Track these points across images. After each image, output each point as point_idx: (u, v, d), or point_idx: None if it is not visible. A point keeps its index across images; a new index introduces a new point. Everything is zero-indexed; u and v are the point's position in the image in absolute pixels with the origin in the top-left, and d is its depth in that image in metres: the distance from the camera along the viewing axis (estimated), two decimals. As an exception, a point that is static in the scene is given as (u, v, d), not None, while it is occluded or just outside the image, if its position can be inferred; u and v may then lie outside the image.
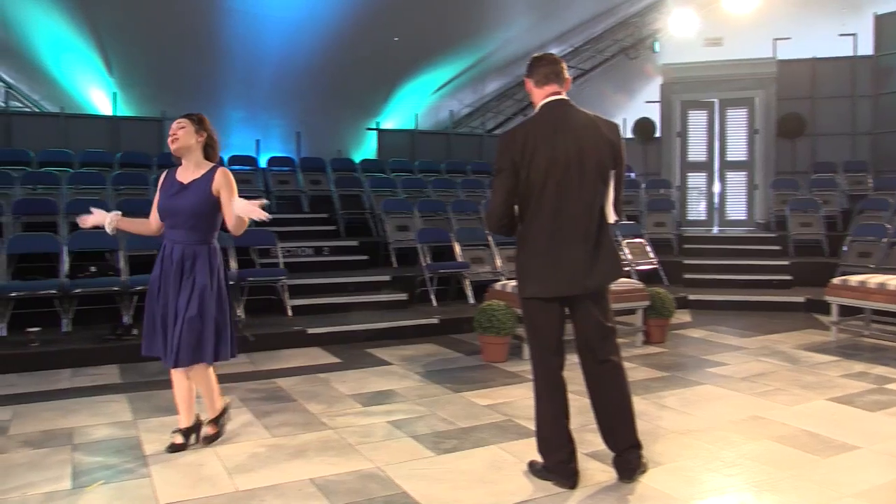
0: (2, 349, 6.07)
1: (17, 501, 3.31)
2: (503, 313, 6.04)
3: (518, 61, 14.07)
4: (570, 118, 3.32)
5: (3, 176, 8.77)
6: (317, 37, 11.92)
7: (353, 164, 11.94)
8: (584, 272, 3.28)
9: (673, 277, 9.79)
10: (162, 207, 3.85)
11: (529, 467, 3.60)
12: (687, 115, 12.92)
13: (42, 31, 11.68)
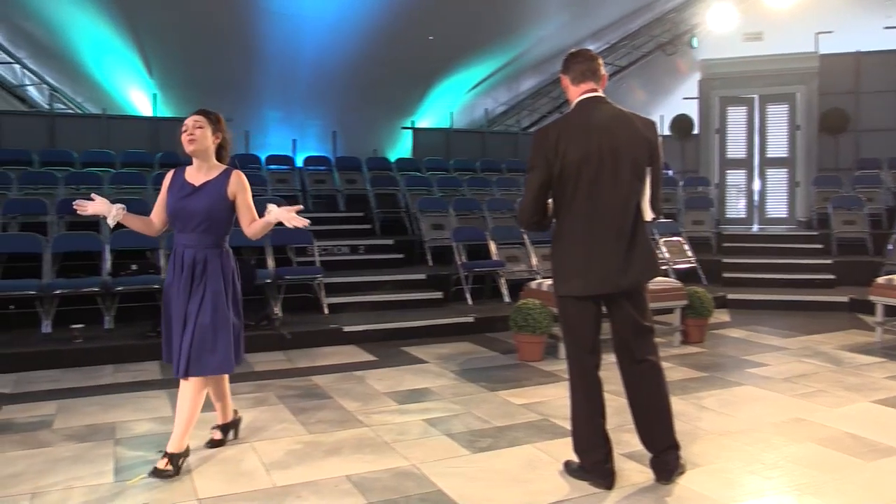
0: (47, 345, 6.22)
1: (61, 494, 3.38)
2: (539, 312, 6.01)
3: (553, 59, 13.99)
4: (605, 115, 3.29)
5: (48, 176, 8.98)
6: (352, 37, 11.99)
7: (388, 164, 11.99)
8: (618, 270, 3.25)
9: (712, 276, 9.65)
10: (172, 210, 3.66)
11: (565, 467, 3.58)
12: (726, 112, 12.72)
13: (85, 35, 11.93)
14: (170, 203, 3.67)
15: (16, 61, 12.47)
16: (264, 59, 12.19)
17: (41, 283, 6.72)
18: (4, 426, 4.46)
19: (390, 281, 8.51)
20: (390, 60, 12.71)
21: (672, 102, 14.00)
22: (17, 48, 12.41)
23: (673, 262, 9.44)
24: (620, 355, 3.40)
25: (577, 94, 3.36)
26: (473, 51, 13.56)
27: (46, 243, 7.18)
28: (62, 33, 11.89)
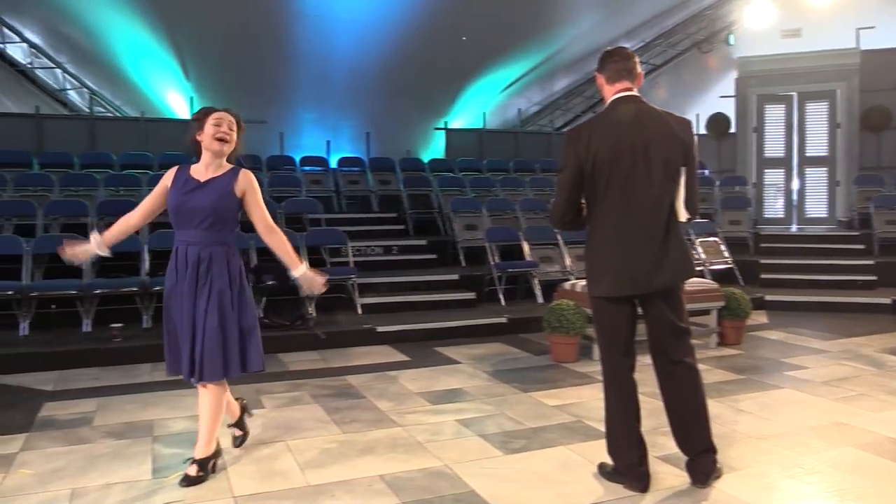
0: (87, 344, 6.35)
1: (101, 490, 3.45)
2: (573, 313, 5.97)
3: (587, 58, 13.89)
4: (638, 115, 3.26)
5: (88, 178, 9.17)
6: (386, 38, 12.04)
7: (421, 164, 12.02)
8: (651, 270, 3.21)
9: (749, 277, 9.50)
10: (175, 205, 3.50)
11: (599, 469, 3.55)
12: (763, 110, 12.50)
13: (124, 40, 12.16)
14: (173, 199, 3.52)
15: (57, 66, 12.77)
16: (298, 62, 12.31)
17: (82, 283, 6.86)
18: (46, 423, 4.56)
19: (423, 281, 8.52)
20: (423, 61, 12.74)
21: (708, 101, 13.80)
22: (58, 53, 12.70)
23: (709, 262, 9.32)
24: (656, 357, 3.36)
25: (612, 92, 3.33)
26: (507, 51, 13.53)
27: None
28: (102, 38, 12.14)
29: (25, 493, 3.46)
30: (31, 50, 12.47)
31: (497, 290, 8.35)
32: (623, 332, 3.32)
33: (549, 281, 8.33)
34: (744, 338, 6.82)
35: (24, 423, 4.55)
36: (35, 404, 4.94)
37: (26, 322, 6.63)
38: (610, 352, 3.37)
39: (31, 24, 12.25)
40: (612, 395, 3.37)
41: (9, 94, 12.03)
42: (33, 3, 11.70)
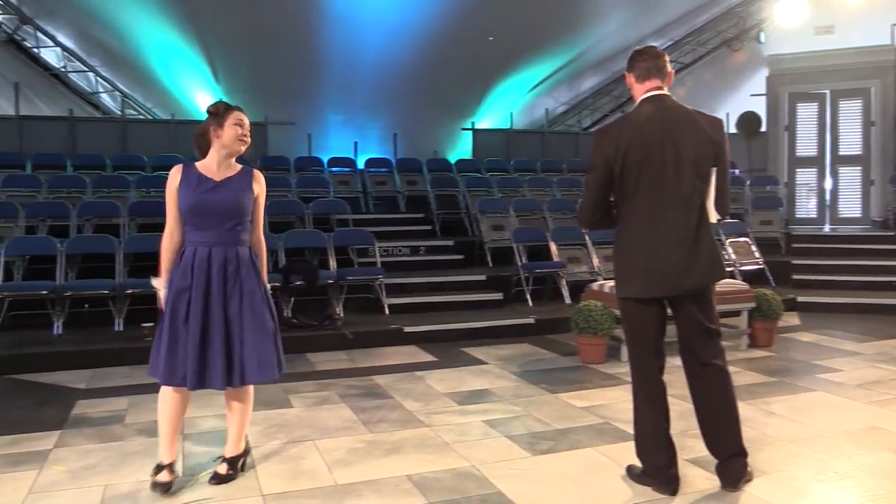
0: (119, 343, 6.45)
1: (133, 486, 3.50)
2: (600, 314, 5.93)
3: (615, 57, 13.79)
4: (668, 114, 3.23)
5: (120, 180, 9.30)
6: (413, 40, 12.06)
7: (448, 165, 12.02)
8: (681, 272, 3.18)
9: (780, 278, 9.37)
10: (192, 205, 3.37)
11: (628, 471, 3.52)
12: (795, 108, 12.32)
13: (154, 43, 12.33)
14: (188, 198, 3.38)
15: (90, 70, 12.98)
16: (326, 64, 12.38)
17: (114, 282, 6.97)
18: (79, 420, 4.64)
19: (450, 282, 8.52)
20: (450, 62, 12.74)
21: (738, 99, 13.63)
22: (91, 57, 12.92)
23: (739, 263, 9.21)
24: (686, 358, 3.33)
25: (642, 91, 3.30)
26: (534, 50, 13.48)
27: (119, 244, 7.43)
28: (133, 42, 12.32)
29: (59, 489, 3.52)
30: (64, 54, 12.70)
31: (524, 291, 8.33)
32: (652, 334, 3.29)
33: (576, 281, 8.29)
34: (775, 339, 6.72)
35: (58, 420, 4.63)
36: (69, 402, 5.03)
37: (60, 321, 6.74)
38: (639, 353, 3.34)
39: (65, 28, 12.47)
40: (641, 396, 3.34)
41: (43, 97, 12.26)
42: (67, 8, 11.92)
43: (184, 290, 3.37)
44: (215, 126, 3.43)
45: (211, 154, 3.48)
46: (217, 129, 3.43)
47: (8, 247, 7.11)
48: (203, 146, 3.50)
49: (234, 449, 3.63)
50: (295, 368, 6.02)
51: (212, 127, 3.44)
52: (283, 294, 7.35)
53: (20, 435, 4.32)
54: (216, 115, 3.43)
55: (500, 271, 8.79)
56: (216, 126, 3.43)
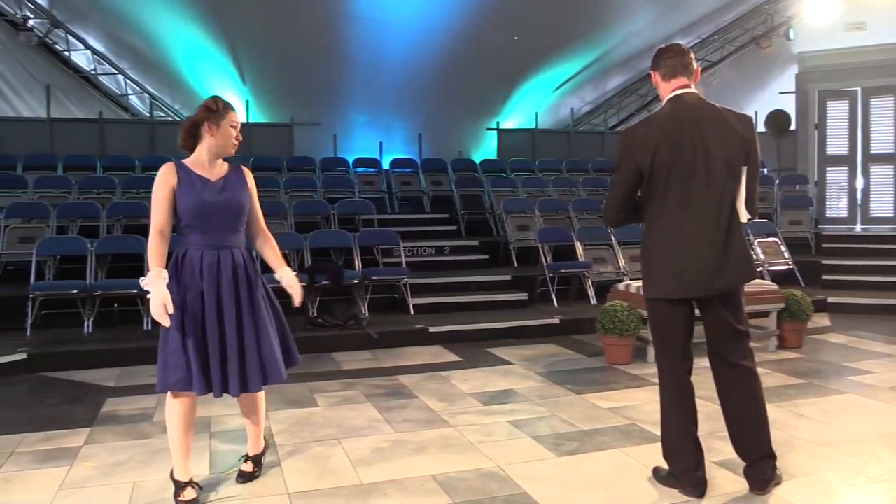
0: (147, 342, 6.49)
1: (161, 483, 3.53)
2: (626, 314, 5.89)
3: (641, 55, 13.68)
4: (697, 112, 3.19)
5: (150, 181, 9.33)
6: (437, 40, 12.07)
7: (473, 165, 12.02)
8: (711, 273, 3.14)
9: (810, 279, 9.24)
10: (197, 206, 3.24)
11: (654, 473, 3.49)
12: (825, 106, 12.14)
13: (182, 46, 12.47)
14: (192, 200, 3.24)
15: (119, 72, 13.17)
16: (351, 64, 12.43)
17: (143, 282, 7.04)
18: (109, 417, 4.70)
19: (475, 282, 8.52)
20: (475, 62, 12.73)
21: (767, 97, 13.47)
22: (120, 60, 13.10)
23: (768, 263, 9.09)
24: (714, 359, 3.29)
25: (668, 90, 3.26)
26: (559, 50, 13.42)
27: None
28: (162, 45, 12.47)
29: (89, 485, 3.58)
30: (94, 57, 12.88)
31: (549, 291, 8.30)
32: (680, 335, 3.26)
33: (602, 282, 8.25)
34: (805, 341, 6.63)
35: (88, 417, 4.70)
36: (98, 400, 5.10)
37: (90, 320, 6.85)
38: (666, 354, 3.31)
39: (95, 32, 12.66)
40: (668, 398, 3.31)
41: (74, 99, 12.45)
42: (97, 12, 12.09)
43: (196, 296, 3.23)
44: (211, 123, 3.29)
45: (200, 152, 3.34)
46: (213, 126, 3.29)
47: (39, 247, 7.23)
48: (191, 141, 3.36)
49: (256, 447, 3.67)
50: (320, 368, 6.06)
51: (207, 123, 3.29)
52: (309, 294, 7.39)
53: (51, 432, 4.39)
54: (214, 112, 3.30)
55: (525, 271, 8.77)
56: (212, 124, 3.29)
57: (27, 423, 4.59)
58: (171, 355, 3.18)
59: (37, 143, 10.12)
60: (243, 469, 3.62)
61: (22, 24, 11.66)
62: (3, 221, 7.91)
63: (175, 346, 3.18)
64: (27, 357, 5.97)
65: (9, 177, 9.17)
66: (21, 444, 4.19)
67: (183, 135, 3.35)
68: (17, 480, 3.65)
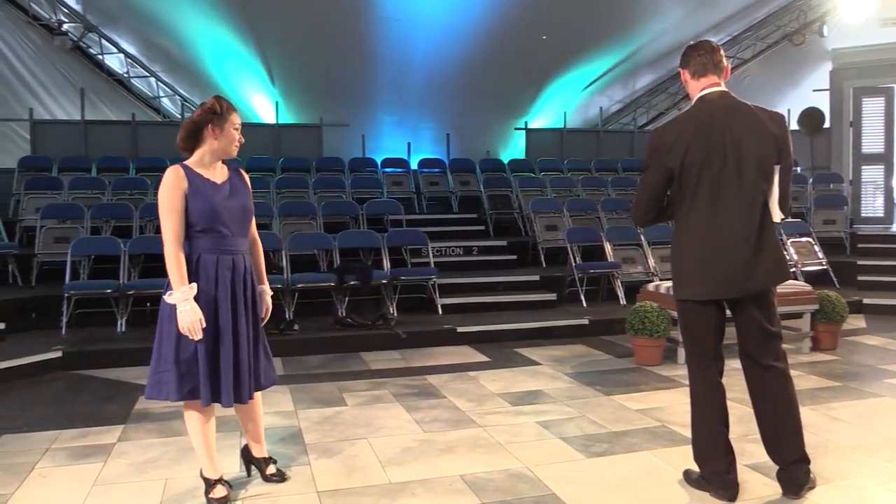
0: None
1: (192, 482, 3.57)
2: (656, 315, 5.84)
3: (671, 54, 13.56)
4: (728, 111, 3.14)
5: (180, 182, 9.52)
6: (465, 40, 12.07)
7: (501, 165, 11.99)
8: (743, 274, 3.10)
9: (845, 279, 9.07)
10: (211, 210, 3.17)
11: (685, 476, 3.45)
12: (861, 103, 11.91)
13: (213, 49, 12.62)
14: (204, 204, 3.16)
15: (151, 75, 13.37)
16: (379, 65, 12.48)
17: (175, 282, 7.13)
18: (142, 415, 4.77)
19: (503, 282, 8.50)
20: (503, 61, 12.71)
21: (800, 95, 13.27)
22: (152, 63, 13.30)
23: (801, 263, 8.95)
24: (746, 361, 3.25)
25: (698, 89, 3.22)
26: (588, 48, 13.35)
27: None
28: (193, 48, 12.63)
29: (123, 481, 3.63)
30: (127, 60, 13.10)
31: (578, 292, 8.25)
32: (711, 336, 3.22)
33: (631, 282, 8.18)
34: (839, 343, 6.51)
35: (122, 415, 4.77)
36: (131, 397, 5.18)
37: (123, 319, 6.95)
38: (697, 356, 3.27)
39: (127, 35, 12.86)
40: (699, 399, 3.27)
41: (107, 102, 12.67)
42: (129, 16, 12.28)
43: (208, 303, 3.16)
44: (215, 125, 3.20)
45: (201, 154, 3.24)
46: (216, 128, 3.20)
47: (74, 247, 7.36)
48: (191, 143, 3.25)
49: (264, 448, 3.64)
50: (349, 367, 6.09)
51: (211, 125, 3.20)
52: (338, 294, 7.44)
53: (86, 429, 4.47)
54: (218, 114, 3.20)
55: (554, 272, 8.73)
56: (216, 126, 3.20)
57: (63, 419, 4.67)
58: (184, 364, 3.13)
59: (71, 145, 10.30)
60: (270, 472, 3.59)
61: (57, 29, 11.89)
62: (38, 222, 8.06)
63: (189, 356, 3.13)
64: (62, 355, 6.08)
65: (44, 178, 9.35)
66: (56, 440, 4.27)
67: (183, 136, 3.24)
68: (53, 476, 3.72)
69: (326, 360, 6.33)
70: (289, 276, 7.38)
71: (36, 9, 11.90)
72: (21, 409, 4.92)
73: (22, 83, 11.65)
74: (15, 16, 11.69)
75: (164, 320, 3.22)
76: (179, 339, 3.12)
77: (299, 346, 6.59)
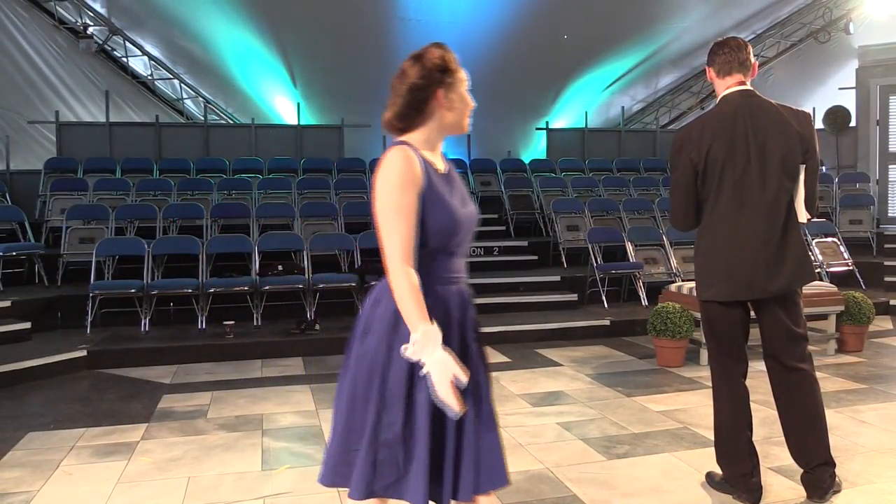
0: (202, 340, 6.66)
1: (214, 479, 3.61)
2: (679, 316, 5.79)
3: (694, 52, 13.46)
4: (752, 110, 3.11)
5: (204, 183, 9.62)
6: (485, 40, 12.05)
7: (522, 165, 11.96)
8: (767, 274, 3.06)
9: (871, 281, 8.94)
10: (457, 221, 2.14)
11: (707, 479, 3.42)
12: (888, 101, 11.73)
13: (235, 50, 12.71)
14: (450, 210, 2.11)
15: (175, 77, 13.48)
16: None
17: (198, 282, 7.21)
18: (165, 414, 4.81)
19: (524, 283, 8.47)
20: (524, 61, 12.67)
21: (826, 93, 13.09)
22: (176, 65, 13.42)
23: (827, 264, 8.83)
24: (770, 363, 3.21)
25: (724, 87, 3.19)
26: (610, 48, 13.27)
27: (202, 245, 7.69)
28: (216, 50, 12.73)
29: (146, 479, 3.67)
30: (151, 63, 13.22)
31: (600, 292, 8.20)
32: (735, 338, 3.19)
33: (653, 283, 8.12)
34: (866, 345, 6.42)
35: (145, 413, 4.82)
36: (155, 396, 5.23)
37: (147, 319, 7.02)
38: (721, 357, 3.24)
39: (151, 38, 12.99)
40: (722, 401, 3.24)
41: (131, 104, 12.80)
42: (153, 19, 12.40)
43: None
44: (446, 90, 2.15)
45: (427, 134, 2.18)
46: (450, 94, 2.16)
47: (99, 247, 7.44)
48: (413, 118, 2.16)
49: None
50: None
51: (441, 90, 2.14)
52: (359, 294, 7.45)
53: (110, 427, 4.52)
54: (449, 71, 2.17)
55: (575, 272, 8.69)
56: (448, 89, 2.16)
57: (87, 418, 4.73)
58: (384, 447, 2.01)
59: (97, 146, 10.42)
60: None
61: (82, 32, 12.03)
62: (64, 223, 8.17)
63: (395, 435, 2.01)
64: (87, 354, 6.15)
65: (70, 180, 9.46)
66: (82, 438, 4.32)
67: (401, 110, 2.16)
68: (79, 473, 3.77)
69: (347, 360, 6.33)
70: (310, 277, 7.41)
71: (62, 12, 12.05)
72: (47, 408, 4.99)
73: (48, 86, 11.80)
74: (41, 19, 11.84)
75: (361, 377, 2.09)
76: (383, 407, 2.02)
77: (321, 346, 6.62)
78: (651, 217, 9.62)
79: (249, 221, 8.54)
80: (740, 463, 3.18)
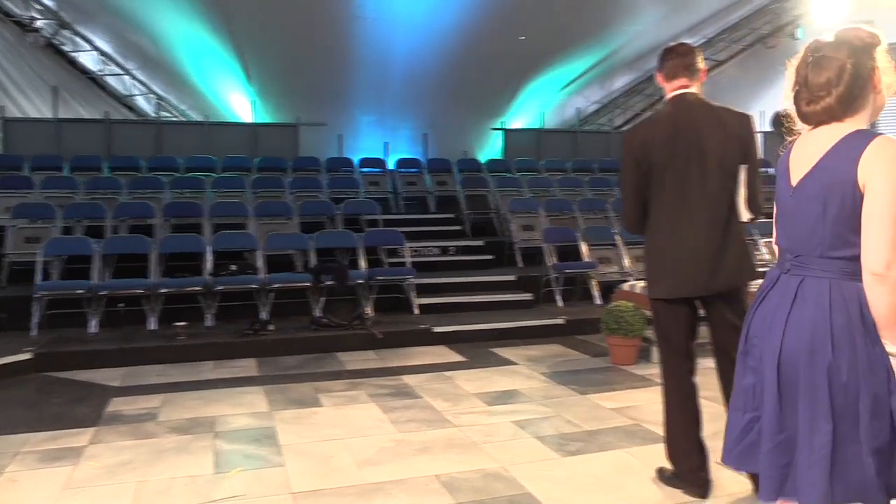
0: (153, 342, 6.54)
1: (165, 483, 3.54)
2: (631, 314, 5.87)
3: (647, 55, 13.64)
4: (694, 113, 3.19)
5: (155, 182, 9.45)
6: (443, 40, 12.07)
7: (479, 165, 12.01)
8: (708, 272, 3.14)
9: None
10: None
11: (658, 474, 3.48)
12: (833, 106, 12.05)
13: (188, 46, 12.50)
14: None
15: (126, 73, 13.20)
16: (357, 65, 12.43)
17: (148, 282, 7.08)
18: (114, 417, 4.71)
19: (480, 282, 8.50)
20: (481, 62, 12.72)
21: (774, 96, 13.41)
22: (126, 60, 13.13)
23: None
24: (720, 358, 3.28)
25: (670, 90, 3.27)
26: (566, 49, 13.40)
27: (153, 245, 7.55)
28: (168, 45, 12.50)
29: (94, 484, 3.58)
30: (101, 57, 12.92)
31: (554, 291, 8.28)
32: (682, 335, 3.25)
33: (607, 282, 8.22)
34: (811, 341, 6.59)
35: (93, 417, 4.71)
36: (103, 399, 5.11)
37: (96, 320, 6.86)
38: (670, 355, 3.30)
39: (102, 32, 12.69)
40: (671, 398, 3.30)
41: (80, 100, 12.48)
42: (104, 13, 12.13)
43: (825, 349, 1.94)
44: (881, 74, 1.93)
45: (862, 120, 1.97)
46: (882, 75, 1.94)
47: (46, 247, 7.26)
48: (855, 103, 1.94)
49: None
50: (325, 367, 6.07)
51: (877, 71, 1.93)
52: (314, 294, 7.41)
53: (56, 431, 4.40)
54: (876, 45, 1.94)
55: (531, 272, 8.75)
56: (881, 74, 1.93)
57: (33, 422, 4.60)
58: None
59: (44, 143, 10.16)
60: None
61: (29, 26, 11.71)
62: (9, 222, 7.94)
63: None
64: (33, 357, 5.98)
65: (16, 177, 9.20)
66: (27, 443, 4.20)
67: (846, 94, 1.93)
68: (23, 480, 3.66)
69: (302, 361, 6.29)
70: (265, 277, 7.33)
71: (8, 5, 11.69)
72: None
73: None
74: (-14, 12, 11.51)
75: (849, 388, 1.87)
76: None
77: (275, 347, 6.56)
78: (605, 217, 9.74)
79: (202, 221, 8.42)
80: (690, 458, 3.25)
